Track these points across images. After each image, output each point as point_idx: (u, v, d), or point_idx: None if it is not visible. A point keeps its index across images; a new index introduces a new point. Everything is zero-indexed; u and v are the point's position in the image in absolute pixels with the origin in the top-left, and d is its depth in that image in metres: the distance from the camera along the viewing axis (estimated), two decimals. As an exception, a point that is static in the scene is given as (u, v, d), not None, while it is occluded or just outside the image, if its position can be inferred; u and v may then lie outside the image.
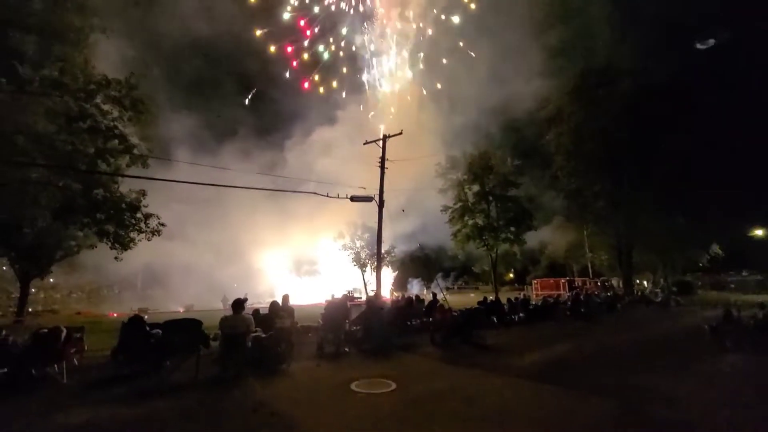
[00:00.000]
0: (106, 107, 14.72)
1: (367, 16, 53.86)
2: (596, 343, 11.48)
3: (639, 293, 28.35)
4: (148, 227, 15.91)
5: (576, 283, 38.14)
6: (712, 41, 11.49)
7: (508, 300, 17.47)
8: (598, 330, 14.31)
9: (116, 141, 15.30)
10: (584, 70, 28.73)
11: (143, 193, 15.73)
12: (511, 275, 62.38)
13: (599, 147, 27.73)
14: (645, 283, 41.86)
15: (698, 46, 11.53)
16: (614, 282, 37.94)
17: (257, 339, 7.87)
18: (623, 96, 26.47)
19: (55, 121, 13.47)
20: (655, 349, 10.42)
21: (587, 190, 29.84)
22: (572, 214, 34.60)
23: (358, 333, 11.22)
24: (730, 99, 29.62)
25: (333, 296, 34.42)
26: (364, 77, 55.95)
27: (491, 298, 17.29)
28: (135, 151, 15.93)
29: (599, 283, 37.88)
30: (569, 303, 19.11)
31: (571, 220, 36.30)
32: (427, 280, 55.51)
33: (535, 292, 39.18)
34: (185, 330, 7.55)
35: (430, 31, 53.27)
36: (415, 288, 49.90)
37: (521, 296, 19.47)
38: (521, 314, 16.64)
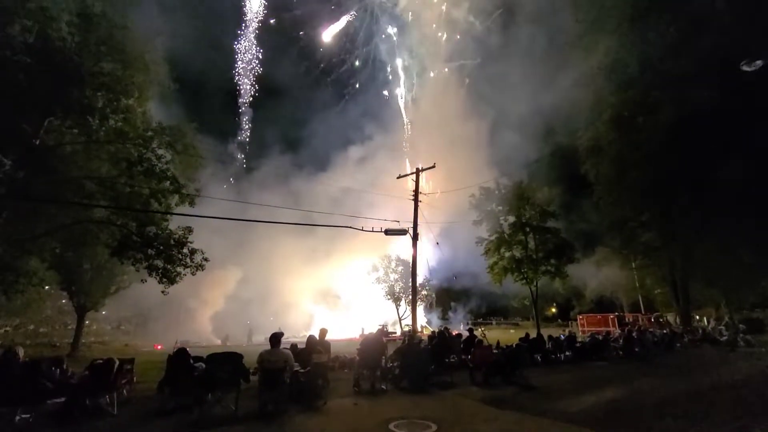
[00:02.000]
0: (160, 152, 16.13)
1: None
2: (655, 387, 10.42)
3: (700, 331, 25.76)
4: (193, 262, 16.75)
5: (627, 319, 35.40)
6: (759, 63, 10.93)
7: (552, 337, 16.48)
8: (656, 372, 13.05)
9: (168, 182, 16.60)
10: (625, 97, 27.98)
11: (190, 230, 16.68)
12: (554, 310, 59.07)
13: (644, 175, 26.51)
14: (705, 319, 38.18)
15: (744, 68, 10.98)
16: (670, 318, 34.87)
17: (295, 374, 7.87)
18: (667, 122, 25.45)
19: (117, 166, 14.86)
20: (727, 398, 9.13)
21: (633, 221, 28.27)
22: (617, 246, 32.71)
23: (395, 369, 10.93)
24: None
25: (363, 330, 34.16)
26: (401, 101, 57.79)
27: (533, 334, 16.39)
28: (183, 191, 17.11)
29: (653, 320, 34.95)
30: (621, 341, 17.70)
31: (617, 252, 34.28)
32: (464, 315, 53.86)
33: (581, 328, 36.71)
34: (227, 364, 7.69)
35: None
36: (451, 323, 48.37)
37: (566, 333, 18.31)
38: (567, 353, 15.57)
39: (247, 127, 57.76)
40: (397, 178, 18.29)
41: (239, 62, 57.81)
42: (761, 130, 23.85)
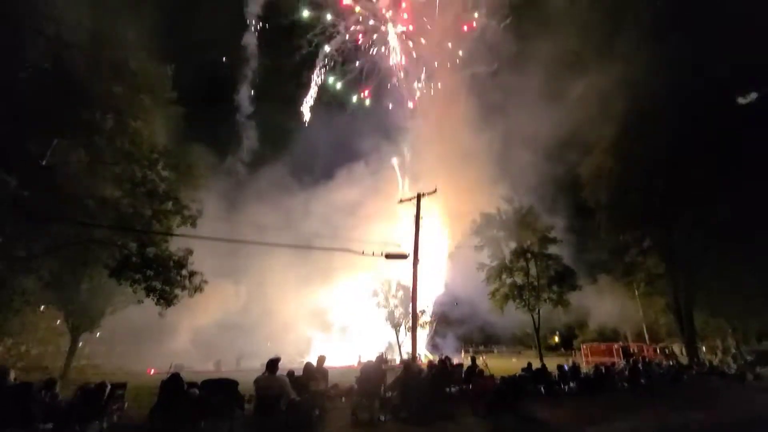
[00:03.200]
0: (164, 173, 16.33)
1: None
2: (665, 422, 10.07)
3: (708, 363, 25.11)
4: (192, 284, 16.60)
5: (631, 350, 34.60)
6: (754, 95, 11.26)
7: (558, 367, 16.06)
8: (663, 405, 12.63)
9: (170, 203, 16.70)
10: (623, 125, 28.46)
11: (190, 252, 16.62)
12: (556, 339, 57.84)
13: (644, 201, 26.63)
14: (714, 351, 37.32)
15: (740, 101, 11.30)
16: (676, 349, 34.10)
17: (292, 403, 7.64)
18: (666, 148, 25.79)
19: (121, 187, 15.01)
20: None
21: (634, 247, 28.19)
22: (619, 272, 32.44)
23: (395, 399, 10.60)
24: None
25: (360, 358, 33.32)
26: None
27: (536, 364, 15.99)
28: (185, 212, 17.18)
29: (658, 350, 34.17)
30: (626, 372, 17.24)
31: (619, 279, 33.97)
32: (464, 342, 52.62)
33: (585, 358, 35.84)
34: (221, 391, 7.50)
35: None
36: (448, 349, 47.27)
37: (570, 363, 17.86)
38: (571, 384, 15.13)
39: (246, 141, 58.62)
40: (399, 202, 18.41)
41: (240, 74, 59.42)
42: (758, 159, 24.17)
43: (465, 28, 55.70)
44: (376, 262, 16.87)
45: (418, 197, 17.13)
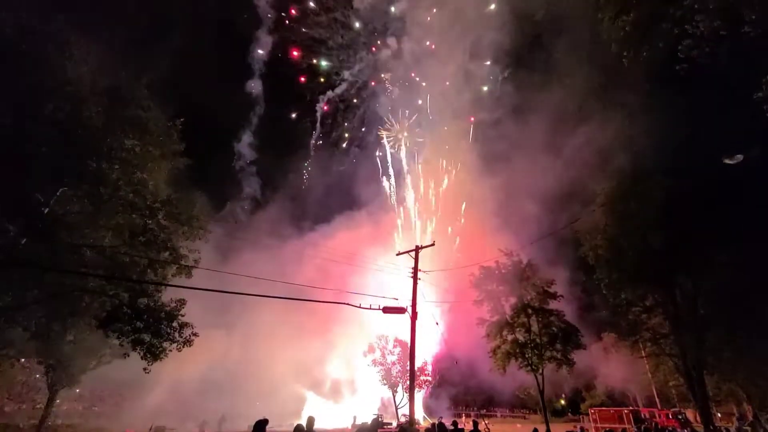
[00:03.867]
0: (165, 222, 16.40)
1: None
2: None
3: (724, 431, 23.50)
4: (182, 337, 15.99)
5: (643, 415, 32.60)
6: (740, 156, 11.68)
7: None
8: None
9: (167, 253, 16.59)
10: (618, 181, 29.11)
11: (183, 303, 16.23)
12: (563, 402, 54.66)
13: (642, 258, 26.52)
14: (732, 418, 35.14)
15: (726, 161, 11.72)
16: (689, 415, 32.11)
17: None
18: (659, 206, 26.18)
19: (120, 236, 15.02)
20: None
21: (637, 305, 27.56)
22: (623, 331, 31.46)
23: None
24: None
25: (355, 419, 31.15)
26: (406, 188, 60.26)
27: (543, 430, 14.96)
28: (182, 261, 17.00)
29: (671, 416, 32.16)
30: (639, 442, 16.11)
31: (623, 337, 32.86)
32: (462, 404, 49.58)
33: (594, 424, 33.65)
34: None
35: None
36: (441, 411, 44.33)
37: (579, 430, 16.74)
38: (582, 454, 14.07)
39: (246, 188, 60.32)
40: (397, 255, 18.34)
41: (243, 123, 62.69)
42: (756, 222, 24.49)
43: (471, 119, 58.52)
44: (373, 316, 16.46)
45: (417, 250, 17.13)
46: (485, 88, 60.80)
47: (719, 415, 34.64)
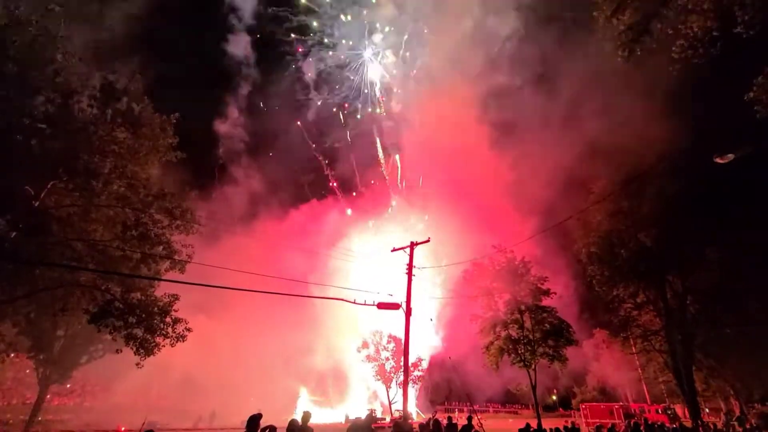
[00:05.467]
0: (158, 216, 16.25)
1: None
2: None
3: (713, 426, 23.95)
4: (175, 332, 15.90)
5: (633, 410, 33.11)
6: (731, 156, 11.78)
7: (557, 429, 15.21)
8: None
9: (161, 247, 16.46)
10: (611, 180, 29.33)
11: (176, 298, 16.12)
12: (554, 398, 55.31)
13: (634, 256, 26.81)
14: (720, 412, 35.82)
15: (717, 160, 11.80)
16: (678, 410, 32.68)
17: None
18: (653, 207, 26.44)
19: (113, 230, 14.86)
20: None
21: (628, 302, 27.91)
22: (614, 328, 31.87)
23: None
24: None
25: (348, 415, 31.27)
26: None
27: (534, 425, 15.15)
28: (175, 256, 16.88)
29: (660, 411, 32.71)
30: (628, 436, 16.37)
31: (614, 334, 33.28)
32: (459, 400, 49.98)
33: (585, 419, 34.10)
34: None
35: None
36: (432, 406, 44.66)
37: (570, 425, 16.95)
38: (572, 448, 14.27)
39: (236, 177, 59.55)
40: (391, 251, 18.33)
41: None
42: (746, 224, 24.83)
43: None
44: (367, 312, 16.48)
45: (412, 246, 17.15)
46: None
47: (707, 410, 35.28)
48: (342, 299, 15.15)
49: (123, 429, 21.17)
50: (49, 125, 13.76)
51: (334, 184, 57.70)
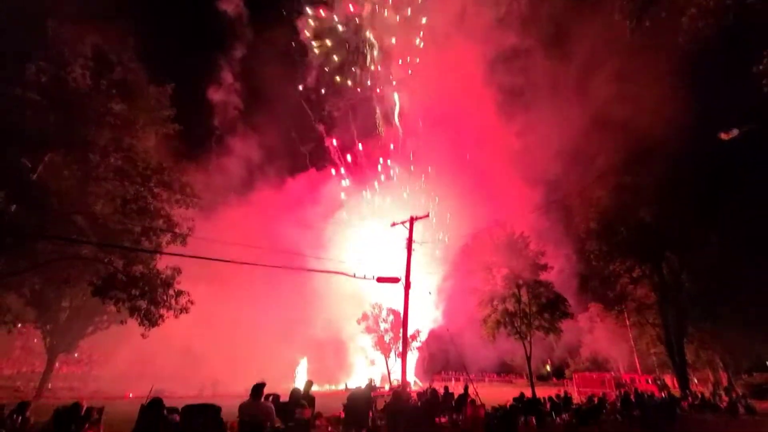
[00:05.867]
0: (157, 190, 16.21)
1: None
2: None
3: (700, 396, 24.85)
4: (178, 304, 16.19)
5: (624, 381, 34.22)
6: (736, 131, 11.61)
7: (550, 398, 15.77)
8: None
9: (161, 221, 16.52)
10: (615, 155, 29.17)
11: (179, 271, 16.31)
12: (548, 368, 57.06)
13: (632, 232, 27.00)
14: (708, 383, 37.09)
15: (722, 136, 11.67)
16: (667, 380, 33.79)
17: (276, 431, 7.35)
18: (655, 184, 26.36)
19: (112, 203, 14.85)
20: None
21: (625, 276, 28.35)
22: (609, 301, 32.53)
23: (382, 429, 10.27)
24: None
25: (347, 385, 32.30)
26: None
27: (528, 394, 15.71)
28: (176, 230, 16.95)
29: (650, 381, 33.85)
30: (618, 404, 16.98)
31: (609, 307, 34.01)
32: (455, 369, 51.53)
33: (577, 388, 35.29)
34: (203, 417, 7.19)
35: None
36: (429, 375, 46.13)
37: (562, 393, 17.55)
38: (564, 415, 14.83)
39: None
40: (391, 225, 18.39)
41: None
42: (745, 202, 24.82)
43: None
44: (368, 285, 16.71)
45: (411, 221, 17.18)
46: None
47: (696, 380, 36.46)
48: (342, 273, 15.35)
49: (130, 395, 21.96)
50: (42, 96, 13.46)
51: (333, 153, 56.52)
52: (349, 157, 57.45)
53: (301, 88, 58.16)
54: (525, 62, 53.44)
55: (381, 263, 16.65)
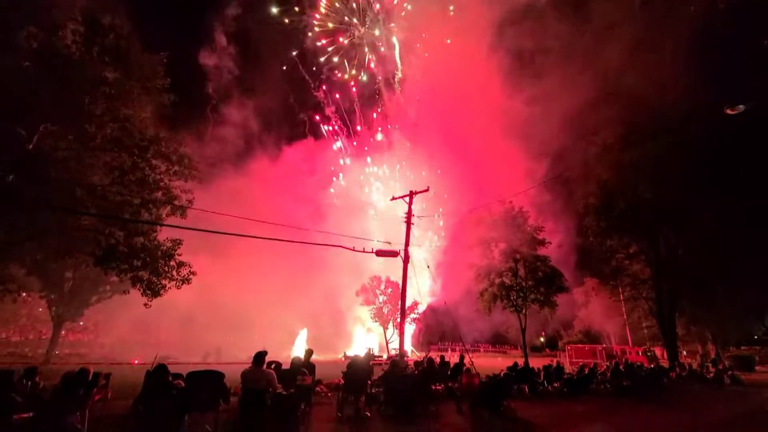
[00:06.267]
0: (155, 161, 16.05)
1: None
2: (646, 425, 10.29)
3: (688, 367, 25.74)
4: (179, 275, 16.41)
5: (614, 352, 35.30)
6: (741, 107, 11.36)
7: (543, 368, 16.29)
8: (645, 408, 12.89)
9: (160, 192, 16.46)
10: (613, 131, 28.77)
11: (179, 243, 16.41)
12: (542, 340, 58.70)
13: (630, 208, 27.06)
14: (696, 355, 38.29)
15: (728, 111, 11.41)
16: (657, 352, 34.87)
17: (277, 397, 7.62)
18: (654, 161, 26.17)
19: (110, 174, 14.74)
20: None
21: (621, 252, 28.67)
22: (605, 276, 33.06)
23: (380, 396, 10.66)
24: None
25: (345, 354, 33.30)
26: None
27: (521, 364, 16.21)
28: (176, 202, 16.91)
29: (640, 353, 34.93)
30: (608, 374, 17.57)
31: (605, 282, 34.59)
32: (452, 340, 52.99)
33: (570, 359, 36.43)
34: (207, 383, 7.43)
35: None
36: (426, 346, 47.45)
37: (554, 363, 18.11)
38: (555, 384, 15.37)
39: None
40: (390, 200, 18.40)
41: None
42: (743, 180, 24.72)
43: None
44: (367, 257, 16.87)
45: (411, 195, 17.16)
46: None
47: (685, 352, 37.60)
48: (342, 246, 15.47)
49: (136, 362, 22.67)
50: (33, 63, 13.06)
51: (331, 123, 55.58)
52: (348, 126, 56.66)
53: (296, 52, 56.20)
54: (536, 24, 50.97)
55: (380, 235, 16.72)
